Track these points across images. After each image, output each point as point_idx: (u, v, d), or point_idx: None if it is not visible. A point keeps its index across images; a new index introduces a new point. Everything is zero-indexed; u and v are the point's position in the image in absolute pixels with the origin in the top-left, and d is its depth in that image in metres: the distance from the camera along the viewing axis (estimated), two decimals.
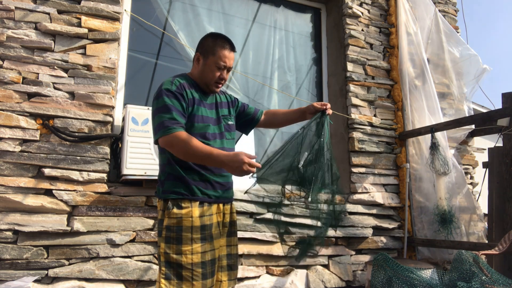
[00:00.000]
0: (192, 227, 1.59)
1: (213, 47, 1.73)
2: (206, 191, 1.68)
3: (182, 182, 1.65)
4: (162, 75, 3.11)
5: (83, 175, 2.40)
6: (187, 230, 1.58)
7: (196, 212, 1.62)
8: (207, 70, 1.74)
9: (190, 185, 1.65)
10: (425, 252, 3.36)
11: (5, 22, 2.42)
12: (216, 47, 1.73)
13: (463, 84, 3.83)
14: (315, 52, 3.84)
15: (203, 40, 1.79)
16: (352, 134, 3.36)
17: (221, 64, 1.73)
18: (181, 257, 1.55)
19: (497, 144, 3.24)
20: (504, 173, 2.98)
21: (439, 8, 4.08)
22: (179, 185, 1.65)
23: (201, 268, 1.56)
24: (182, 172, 1.66)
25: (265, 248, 2.82)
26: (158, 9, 3.19)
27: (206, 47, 1.76)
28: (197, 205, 1.64)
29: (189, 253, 1.56)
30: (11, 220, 2.24)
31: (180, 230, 1.58)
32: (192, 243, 1.57)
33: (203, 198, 1.66)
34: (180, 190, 1.64)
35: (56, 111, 2.42)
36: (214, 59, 1.73)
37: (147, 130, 2.47)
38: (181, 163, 1.67)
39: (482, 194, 3.54)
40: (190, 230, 1.58)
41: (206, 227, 1.62)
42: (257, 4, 3.64)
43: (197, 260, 1.56)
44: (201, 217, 1.62)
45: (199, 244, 1.58)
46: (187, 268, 1.55)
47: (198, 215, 1.62)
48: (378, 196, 3.33)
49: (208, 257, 1.60)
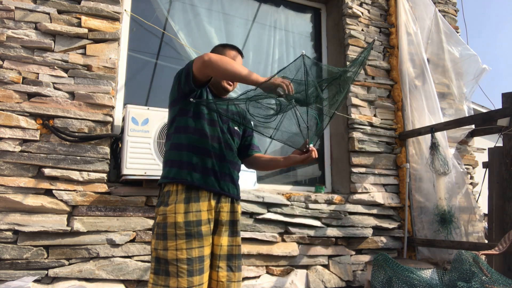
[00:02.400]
0: (176, 223, 1.61)
1: (223, 49, 1.88)
2: (197, 176, 1.69)
3: (176, 167, 1.70)
4: (162, 75, 3.12)
5: (83, 175, 2.40)
6: (171, 226, 1.62)
7: (180, 208, 1.64)
8: None
9: (182, 170, 1.68)
10: (425, 252, 3.36)
11: (5, 22, 2.42)
12: (226, 48, 1.89)
13: (462, 84, 3.83)
14: (315, 52, 3.84)
15: (214, 49, 1.94)
16: (352, 134, 3.36)
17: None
18: (166, 252, 1.59)
19: (497, 144, 3.24)
20: (504, 173, 2.98)
21: (439, 8, 4.09)
22: (172, 170, 1.70)
23: (187, 264, 1.57)
24: (179, 155, 1.71)
25: (265, 248, 2.82)
26: (158, 9, 3.19)
27: (217, 51, 1.90)
28: (182, 200, 1.65)
29: (173, 249, 1.58)
30: (11, 220, 2.24)
31: (165, 227, 1.63)
32: (177, 239, 1.60)
33: (191, 182, 1.67)
34: (172, 175, 1.69)
35: (56, 111, 2.42)
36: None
37: (147, 130, 2.47)
38: (180, 147, 1.72)
39: (482, 194, 3.54)
40: (173, 226, 1.61)
41: (191, 223, 1.63)
42: (257, 4, 3.64)
43: (182, 256, 1.57)
44: (186, 213, 1.64)
45: (183, 240, 1.60)
46: (172, 264, 1.57)
47: (183, 211, 1.64)
48: (378, 196, 3.33)
49: (196, 254, 1.60)
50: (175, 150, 1.73)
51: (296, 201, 3.01)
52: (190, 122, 1.74)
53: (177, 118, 1.78)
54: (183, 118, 1.76)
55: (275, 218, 2.88)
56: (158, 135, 2.48)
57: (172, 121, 1.81)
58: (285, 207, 2.95)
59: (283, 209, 2.93)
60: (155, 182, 2.49)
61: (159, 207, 1.70)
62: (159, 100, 2.99)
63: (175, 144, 1.74)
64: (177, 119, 1.77)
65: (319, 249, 3.02)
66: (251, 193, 2.83)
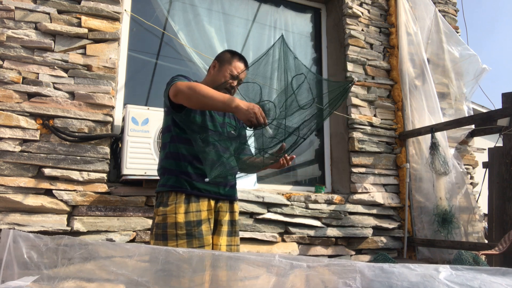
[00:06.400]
0: (176, 223, 1.63)
1: (231, 59, 1.91)
2: (197, 184, 1.70)
3: (175, 175, 1.71)
4: (162, 75, 3.12)
5: (83, 175, 2.40)
6: (171, 227, 1.63)
7: (181, 208, 1.65)
8: (221, 76, 1.88)
9: (181, 179, 1.70)
10: (425, 252, 3.36)
11: (5, 22, 2.42)
12: (234, 58, 1.92)
13: (462, 84, 3.83)
14: (315, 52, 3.84)
15: (222, 53, 1.98)
16: (352, 134, 3.36)
17: (234, 72, 1.88)
18: None
19: (497, 144, 3.24)
20: (504, 173, 2.98)
21: (439, 8, 4.08)
22: (171, 179, 1.71)
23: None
24: (177, 165, 1.72)
25: (265, 248, 2.82)
26: (158, 9, 3.19)
27: (224, 57, 1.93)
28: (182, 201, 1.66)
29: None
30: (11, 220, 2.24)
31: (165, 227, 1.64)
32: (177, 239, 1.61)
33: (192, 191, 1.69)
34: (170, 183, 1.71)
35: (56, 111, 2.42)
36: (230, 67, 1.88)
37: (147, 130, 2.47)
38: (177, 157, 1.73)
39: (482, 194, 3.54)
40: (174, 227, 1.63)
41: (191, 223, 1.64)
42: (257, 4, 3.64)
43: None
44: (186, 213, 1.65)
45: (184, 240, 1.61)
46: None
47: (183, 211, 1.65)
48: (378, 196, 3.33)
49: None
50: (173, 159, 1.74)
51: (296, 201, 3.01)
52: (187, 132, 1.75)
53: (173, 127, 1.79)
54: (179, 128, 1.77)
55: (275, 218, 2.88)
56: (158, 135, 2.48)
57: (167, 129, 1.82)
58: (285, 207, 2.95)
59: (283, 209, 2.93)
60: (155, 182, 2.49)
61: (158, 208, 1.70)
62: (159, 100, 2.97)
63: (173, 154, 1.75)
64: (173, 129, 1.78)
65: (319, 249, 3.02)
66: (251, 193, 2.83)
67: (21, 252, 1.25)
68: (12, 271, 1.26)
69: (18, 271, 1.26)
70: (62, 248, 1.27)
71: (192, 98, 1.60)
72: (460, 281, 0.85)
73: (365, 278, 0.95)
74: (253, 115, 1.53)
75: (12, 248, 1.25)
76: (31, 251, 1.27)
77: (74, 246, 1.28)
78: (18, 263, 1.26)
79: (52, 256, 1.27)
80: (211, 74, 1.94)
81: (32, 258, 1.27)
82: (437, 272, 0.88)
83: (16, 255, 1.25)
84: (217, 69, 1.92)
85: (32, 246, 1.26)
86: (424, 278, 0.88)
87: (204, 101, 1.60)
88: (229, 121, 1.94)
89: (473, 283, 0.85)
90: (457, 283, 0.85)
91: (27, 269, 1.26)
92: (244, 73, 1.93)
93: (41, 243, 1.26)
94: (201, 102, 1.60)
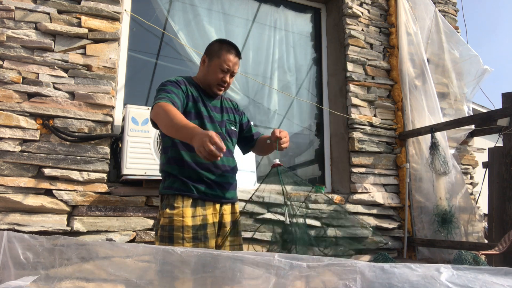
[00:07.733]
0: (183, 226, 1.62)
1: (219, 51, 1.80)
2: (203, 189, 1.70)
3: (180, 179, 1.69)
4: (162, 75, 3.11)
5: (83, 175, 2.40)
6: (178, 230, 1.62)
7: (188, 212, 1.65)
8: (211, 72, 1.81)
9: (187, 183, 1.69)
10: (425, 252, 3.36)
11: (5, 22, 2.42)
12: (222, 50, 1.80)
13: (463, 84, 3.83)
14: (315, 52, 3.84)
15: (211, 44, 1.87)
16: (352, 134, 3.36)
17: (224, 67, 1.79)
18: None
19: (497, 144, 3.24)
20: (504, 173, 2.98)
21: (439, 8, 4.08)
22: (177, 182, 1.70)
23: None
24: (180, 171, 1.70)
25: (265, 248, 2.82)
26: (158, 9, 3.19)
27: (212, 50, 1.83)
28: (189, 205, 1.66)
29: None
30: (11, 220, 2.23)
31: (172, 230, 1.62)
32: (184, 242, 1.60)
33: (199, 196, 1.68)
34: (176, 186, 1.69)
35: (56, 111, 2.42)
36: (219, 62, 1.79)
37: (147, 130, 2.47)
38: (180, 163, 1.71)
39: (482, 194, 3.54)
40: (181, 230, 1.61)
41: (198, 227, 1.64)
42: (257, 4, 3.64)
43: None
44: (193, 217, 1.65)
45: (190, 243, 1.61)
46: None
47: (190, 215, 1.65)
48: (378, 196, 3.33)
49: None
50: (176, 165, 1.72)
51: (296, 201, 3.01)
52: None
53: None
54: None
55: (275, 218, 2.88)
56: (158, 135, 2.48)
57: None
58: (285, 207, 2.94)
59: (283, 209, 2.93)
60: (155, 182, 2.49)
61: (164, 210, 1.67)
62: None
63: (175, 159, 1.72)
64: None
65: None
66: (251, 193, 2.83)
67: (17, 253, 1.25)
68: (9, 272, 1.25)
69: (15, 272, 1.26)
70: (59, 249, 1.26)
71: (163, 130, 1.59)
72: (462, 282, 0.85)
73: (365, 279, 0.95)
74: (201, 149, 1.35)
75: (7, 249, 1.25)
76: (27, 252, 1.26)
77: (70, 246, 1.27)
78: (14, 264, 1.25)
79: (49, 257, 1.26)
80: (202, 70, 1.87)
81: (29, 258, 1.27)
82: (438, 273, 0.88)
83: (12, 256, 1.25)
84: (207, 64, 1.83)
85: (28, 246, 1.26)
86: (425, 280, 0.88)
87: (172, 135, 1.59)
88: (228, 117, 1.90)
89: (474, 284, 0.85)
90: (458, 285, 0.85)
91: (24, 270, 1.25)
92: (237, 65, 1.83)
93: (36, 244, 1.25)
94: (170, 134, 1.60)
